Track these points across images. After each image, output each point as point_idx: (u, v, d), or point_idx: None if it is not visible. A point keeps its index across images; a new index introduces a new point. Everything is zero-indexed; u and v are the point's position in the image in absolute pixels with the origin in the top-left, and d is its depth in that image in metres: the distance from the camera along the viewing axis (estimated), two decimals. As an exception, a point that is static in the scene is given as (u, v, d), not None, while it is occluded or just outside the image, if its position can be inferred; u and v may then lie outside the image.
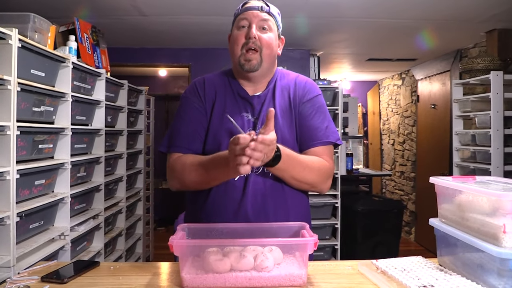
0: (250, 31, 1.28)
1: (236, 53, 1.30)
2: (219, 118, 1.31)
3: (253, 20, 1.29)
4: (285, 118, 1.32)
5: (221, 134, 1.29)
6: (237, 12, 1.35)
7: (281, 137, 1.27)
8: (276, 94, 1.35)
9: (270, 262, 1.00)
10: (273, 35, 1.32)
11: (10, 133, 1.63)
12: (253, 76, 1.33)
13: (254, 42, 1.27)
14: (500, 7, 2.85)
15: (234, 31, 1.33)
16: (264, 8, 1.32)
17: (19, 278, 1.08)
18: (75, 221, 2.25)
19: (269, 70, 1.36)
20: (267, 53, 1.30)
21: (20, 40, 1.68)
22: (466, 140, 3.25)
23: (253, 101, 1.34)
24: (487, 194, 0.94)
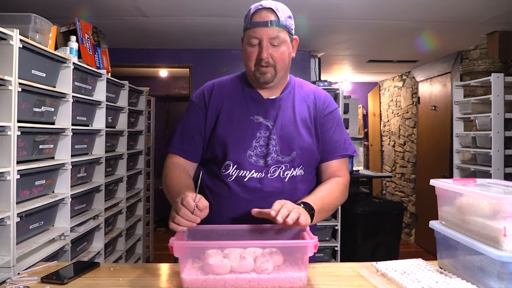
0: (262, 52, 1.26)
1: (250, 68, 1.30)
2: (226, 124, 1.32)
3: (263, 38, 1.26)
4: (304, 127, 1.34)
5: (229, 136, 1.30)
6: (247, 23, 1.30)
7: (299, 144, 1.31)
8: (296, 102, 1.37)
9: (270, 264, 1.00)
10: (285, 48, 1.29)
11: (10, 134, 1.63)
12: (267, 87, 1.34)
13: (267, 62, 1.27)
14: (501, 9, 2.85)
15: (245, 46, 1.31)
16: (273, 23, 1.26)
17: (19, 278, 1.08)
18: (75, 221, 2.25)
19: (284, 77, 1.37)
20: (281, 66, 1.30)
21: (21, 41, 1.68)
22: (466, 142, 3.25)
23: (266, 104, 1.34)
24: (487, 197, 0.94)
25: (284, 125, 1.32)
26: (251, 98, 1.36)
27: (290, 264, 1.05)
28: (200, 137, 1.36)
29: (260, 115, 1.33)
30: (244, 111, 1.33)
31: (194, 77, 4.26)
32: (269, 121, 1.32)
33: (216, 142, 1.33)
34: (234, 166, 1.29)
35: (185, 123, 1.38)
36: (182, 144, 1.37)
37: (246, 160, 1.28)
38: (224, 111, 1.34)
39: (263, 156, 1.29)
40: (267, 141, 1.30)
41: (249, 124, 1.31)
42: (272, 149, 1.29)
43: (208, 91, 1.38)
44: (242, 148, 1.29)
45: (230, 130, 1.31)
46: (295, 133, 1.31)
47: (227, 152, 1.30)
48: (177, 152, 1.37)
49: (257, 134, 1.30)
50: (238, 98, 1.36)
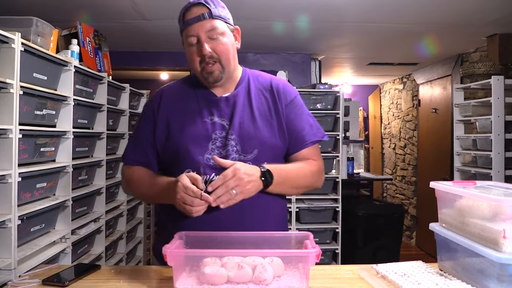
0: (203, 49, 1.21)
1: (196, 69, 1.26)
2: (179, 130, 1.27)
3: (200, 34, 1.21)
4: (264, 120, 1.29)
5: (184, 141, 1.26)
6: (181, 24, 1.26)
7: (261, 140, 1.26)
8: (253, 96, 1.32)
9: (269, 274, 0.96)
10: (226, 39, 1.25)
11: (12, 136, 1.63)
12: (218, 85, 1.30)
13: (211, 57, 1.22)
14: (501, 12, 2.86)
15: (186, 47, 1.27)
16: (206, 15, 1.22)
17: (20, 281, 1.09)
18: (76, 224, 2.25)
19: (234, 70, 1.32)
20: (226, 59, 1.25)
21: (22, 44, 1.69)
22: (467, 144, 3.25)
23: (221, 103, 1.30)
24: (487, 199, 0.94)
25: (242, 122, 1.26)
26: (203, 99, 1.31)
27: (292, 274, 1.02)
28: (151, 147, 1.32)
29: (214, 115, 1.28)
30: (197, 114, 1.28)
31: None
32: (225, 120, 1.27)
33: (172, 150, 1.28)
34: (194, 172, 1.22)
35: (136, 134, 1.36)
36: (135, 155, 1.34)
37: (205, 164, 1.22)
38: (175, 117, 1.29)
39: (222, 158, 1.20)
40: (224, 142, 1.24)
41: (203, 127, 1.26)
42: (232, 149, 1.24)
43: (157, 100, 1.34)
44: (198, 153, 1.23)
45: (183, 136, 1.26)
46: (255, 129, 1.26)
47: (184, 159, 1.25)
48: (132, 163, 1.34)
49: (212, 136, 1.25)
50: (190, 101, 1.32)
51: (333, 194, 3.52)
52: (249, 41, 3.83)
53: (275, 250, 1.06)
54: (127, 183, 1.36)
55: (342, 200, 3.47)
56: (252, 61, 4.27)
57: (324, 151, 3.47)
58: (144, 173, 1.33)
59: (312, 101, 3.48)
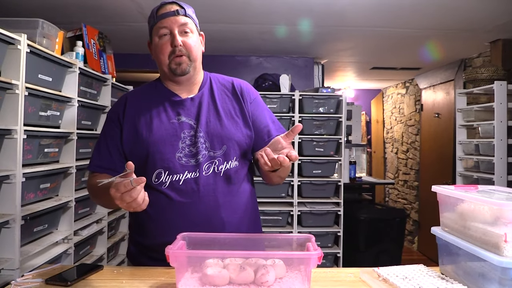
0: (175, 39, 1.26)
1: (164, 61, 1.30)
2: (147, 132, 1.29)
3: (173, 27, 1.27)
4: (229, 118, 1.33)
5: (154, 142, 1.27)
6: (153, 20, 1.31)
7: (228, 137, 1.30)
8: (216, 96, 1.36)
9: (271, 276, 0.97)
10: (195, 37, 1.32)
11: (17, 137, 1.65)
12: (185, 79, 1.33)
13: (181, 50, 1.27)
14: (504, 18, 2.86)
15: (155, 40, 1.31)
16: (180, 12, 1.29)
17: (23, 280, 1.09)
18: (79, 225, 2.26)
19: (198, 70, 1.36)
20: (194, 55, 1.31)
21: (28, 46, 1.71)
22: (469, 149, 3.25)
23: (186, 104, 1.33)
24: (489, 203, 0.94)
25: (209, 121, 1.30)
26: (169, 101, 1.34)
27: (294, 276, 1.02)
28: (117, 152, 1.32)
29: (181, 115, 1.31)
30: (164, 115, 1.31)
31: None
32: (192, 119, 1.31)
33: (141, 153, 1.29)
34: (166, 172, 1.26)
35: (101, 140, 1.36)
36: (101, 161, 1.34)
37: (177, 163, 1.25)
38: (142, 120, 1.31)
39: (192, 155, 1.26)
40: (194, 140, 1.28)
41: (171, 127, 1.29)
42: (202, 146, 1.27)
43: (122, 105, 1.36)
44: (169, 152, 1.26)
45: (152, 137, 1.28)
46: (221, 127, 1.30)
47: (155, 160, 1.26)
48: (97, 169, 1.34)
49: (181, 135, 1.28)
50: (156, 103, 1.34)
51: (335, 198, 3.52)
52: (252, 45, 3.84)
53: (277, 252, 1.06)
54: (90, 191, 1.36)
55: (344, 204, 3.48)
56: (255, 64, 4.28)
57: (326, 155, 3.48)
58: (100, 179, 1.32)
59: (314, 105, 3.48)
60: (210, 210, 1.26)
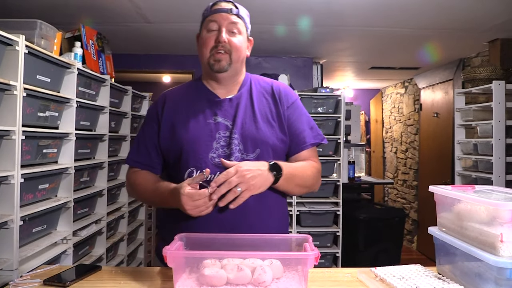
0: (220, 35, 1.27)
1: (205, 55, 1.30)
2: (183, 131, 1.30)
3: (222, 23, 1.28)
4: (265, 121, 1.32)
5: (189, 141, 1.28)
6: (206, 13, 1.33)
7: (262, 140, 1.28)
8: (255, 98, 1.35)
9: (268, 276, 0.97)
10: (242, 38, 1.31)
11: (15, 138, 1.65)
12: (222, 77, 1.32)
13: (224, 46, 1.27)
14: (503, 17, 2.87)
15: (203, 33, 1.32)
16: (233, 11, 1.30)
17: (22, 281, 1.10)
18: (78, 225, 2.26)
19: (239, 72, 1.36)
20: (236, 56, 1.30)
21: (27, 46, 1.71)
22: (468, 149, 3.25)
23: (224, 104, 1.33)
24: (485, 203, 0.95)
25: (244, 123, 1.29)
26: (207, 100, 1.34)
27: (291, 276, 1.02)
28: (155, 149, 1.35)
29: (218, 116, 1.31)
30: (201, 115, 1.31)
31: (197, 83, 4.28)
32: (228, 120, 1.30)
33: (176, 151, 1.30)
34: (198, 172, 1.26)
35: (140, 136, 1.38)
36: (139, 157, 1.36)
37: (209, 163, 1.25)
38: (179, 119, 1.32)
39: (226, 157, 1.25)
40: (229, 141, 1.27)
41: (206, 127, 1.29)
42: (235, 148, 1.26)
43: (161, 103, 1.37)
44: (203, 152, 1.26)
45: (187, 136, 1.28)
46: (257, 129, 1.29)
47: (188, 159, 1.27)
48: (135, 164, 1.37)
49: (216, 135, 1.28)
50: (193, 103, 1.35)
51: (334, 198, 3.52)
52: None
53: (275, 252, 1.06)
54: (131, 188, 1.38)
55: (343, 204, 3.48)
56: (254, 64, 4.29)
57: (325, 155, 3.48)
58: (148, 178, 1.34)
59: (313, 105, 3.49)
60: (238, 213, 1.23)
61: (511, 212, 0.89)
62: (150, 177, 1.35)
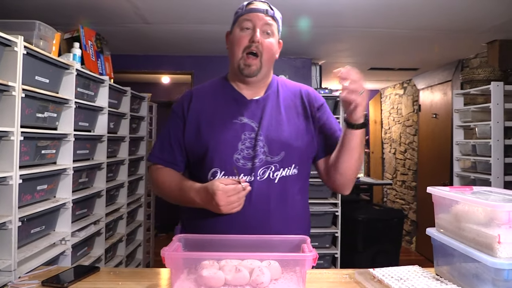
0: (255, 35, 1.26)
1: (237, 55, 1.29)
2: (208, 130, 1.30)
3: (257, 23, 1.28)
4: (291, 124, 1.31)
5: (214, 140, 1.28)
6: (240, 11, 1.32)
7: (287, 143, 1.28)
8: (281, 101, 1.35)
9: (266, 277, 0.97)
10: (274, 40, 1.32)
11: (13, 139, 1.65)
12: (251, 81, 1.32)
13: (257, 47, 1.27)
14: (501, 18, 2.87)
15: (236, 31, 1.31)
16: (269, 12, 1.30)
17: (20, 282, 1.10)
18: (76, 226, 2.26)
19: (268, 74, 1.36)
20: (267, 58, 1.30)
21: (25, 47, 1.70)
22: (466, 150, 3.26)
23: (251, 105, 1.32)
24: (482, 204, 0.95)
25: (270, 125, 1.29)
26: (234, 100, 1.33)
27: (289, 277, 1.02)
28: (179, 146, 1.34)
29: (244, 116, 1.30)
30: (227, 115, 1.31)
31: (195, 84, 4.29)
32: (254, 121, 1.29)
33: (200, 150, 1.30)
34: (222, 172, 1.26)
35: (164, 133, 1.38)
36: (162, 154, 1.36)
37: (234, 164, 1.25)
38: (205, 117, 1.32)
39: (250, 158, 1.25)
40: (254, 142, 1.26)
41: (233, 127, 1.28)
42: (260, 150, 1.25)
43: (187, 100, 1.37)
44: (228, 153, 1.26)
45: (213, 135, 1.28)
46: (283, 132, 1.29)
47: (212, 159, 1.27)
48: (158, 161, 1.37)
49: (242, 136, 1.27)
50: (220, 101, 1.34)
51: (332, 199, 3.52)
52: (250, 46, 3.85)
53: (273, 253, 1.06)
54: (155, 185, 1.38)
55: (341, 205, 3.48)
56: (253, 65, 4.28)
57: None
58: (172, 176, 1.34)
59: (312, 106, 3.49)
60: (261, 217, 1.24)
61: (508, 213, 0.90)
62: (175, 175, 1.34)
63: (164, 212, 5.24)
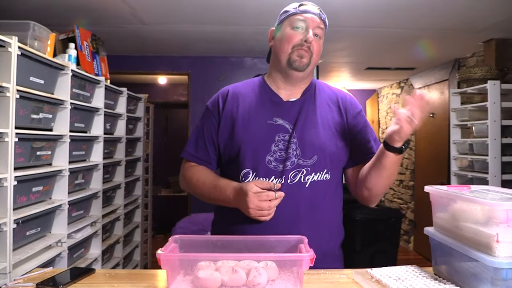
0: (308, 35, 1.27)
1: (286, 51, 1.28)
2: (242, 130, 1.29)
3: (310, 24, 1.29)
4: (326, 129, 1.30)
5: (248, 141, 1.27)
6: (293, 11, 1.32)
7: (321, 147, 1.27)
8: (318, 104, 1.34)
9: (263, 278, 0.96)
10: (321, 44, 1.33)
11: (8, 140, 1.63)
12: (297, 76, 1.31)
13: (308, 47, 1.27)
14: (497, 17, 2.87)
15: (286, 29, 1.30)
16: (322, 16, 1.33)
17: (14, 284, 1.09)
18: (73, 228, 2.24)
19: (310, 75, 1.36)
20: (315, 59, 1.31)
21: (19, 48, 1.69)
22: (464, 149, 3.26)
23: (287, 106, 1.31)
24: (480, 203, 0.94)
25: (305, 127, 1.28)
26: (270, 101, 1.33)
27: (287, 278, 1.02)
28: (212, 144, 1.34)
29: (279, 117, 1.29)
30: (262, 115, 1.30)
31: (192, 84, 4.28)
32: (289, 123, 1.28)
33: (233, 150, 1.29)
34: (254, 174, 1.25)
35: (199, 130, 1.38)
36: (196, 151, 1.36)
37: (265, 166, 1.24)
38: (240, 116, 1.31)
39: (282, 161, 1.24)
40: (287, 145, 1.25)
41: (267, 128, 1.28)
42: (292, 153, 1.25)
43: (223, 98, 1.36)
44: (261, 154, 1.25)
45: (247, 135, 1.27)
46: (317, 135, 1.28)
47: (245, 159, 1.26)
48: (191, 158, 1.37)
49: (275, 138, 1.26)
50: (256, 101, 1.33)
51: (330, 198, 3.51)
52: (247, 46, 3.84)
53: (270, 254, 1.05)
54: (187, 182, 1.37)
55: (339, 204, 3.47)
56: (250, 65, 4.28)
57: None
58: (206, 173, 1.34)
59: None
60: (290, 221, 1.22)
61: (506, 212, 0.89)
62: (209, 173, 1.34)
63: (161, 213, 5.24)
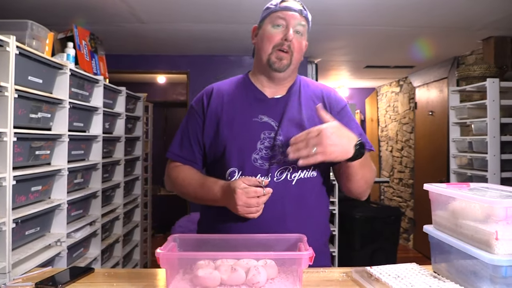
0: (289, 33, 1.25)
1: (266, 51, 1.28)
2: (228, 128, 1.28)
3: (291, 22, 1.26)
4: (312, 125, 1.26)
5: (233, 139, 1.26)
6: (273, 8, 1.29)
7: None
8: (303, 101, 1.33)
9: (262, 277, 0.96)
10: (303, 41, 1.31)
11: (7, 140, 1.63)
12: (278, 76, 1.30)
13: (289, 45, 1.26)
14: (496, 15, 2.87)
15: (267, 27, 1.29)
16: (303, 13, 1.29)
17: (13, 284, 1.08)
18: (72, 227, 2.24)
19: (293, 73, 1.35)
20: (297, 57, 1.29)
21: (18, 47, 1.69)
22: (463, 147, 3.26)
23: (271, 104, 1.31)
24: (479, 201, 0.94)
25: (290, 125, 1.27)
26: (254, 98, 1.32)
27: (286, 276, 1.01)
28: (198, 143, 1.33)
29: (264, 115, 1.28)
30: (247, 113, 1.29)
31: (191, 83, 4.27)
32: (274, 120, 1.27)
33: (218, 148, 1.28)
34: (239, 172, 1.24)
35: (183, 129, 1.36)
36: (181, 151, 1.35)
37: (251, 165, 1.23)
38: (224, 114, 1.30)
39: (268, 159, 1.23)
40: (273, 142, 1.25)
41: (252, 126, 1.27)
42: (278, 150, 1.24)
43: (207, 96, 1.35)
44: (247, 152, 1.24)
45: (232, 134, 1.26)
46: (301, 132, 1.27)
47: (230, 158, 1.25)
48: (176, 158, 1.36)
49: (261, 135, 1.25)
50: (240, 99, 1.32)
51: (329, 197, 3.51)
52: (245, 45, 3.83)
53: (269, 252, 1.05)
54: (173, 182, 1.36)
55: (338, 203, 3.48)
56: (248, 64, 4.28)
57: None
58: (192, 173, 1.33)
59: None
60: (276, 219, 1.22)
61: (506, 209, 0.89)
62: (195, 172, 1.33)
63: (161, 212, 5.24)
